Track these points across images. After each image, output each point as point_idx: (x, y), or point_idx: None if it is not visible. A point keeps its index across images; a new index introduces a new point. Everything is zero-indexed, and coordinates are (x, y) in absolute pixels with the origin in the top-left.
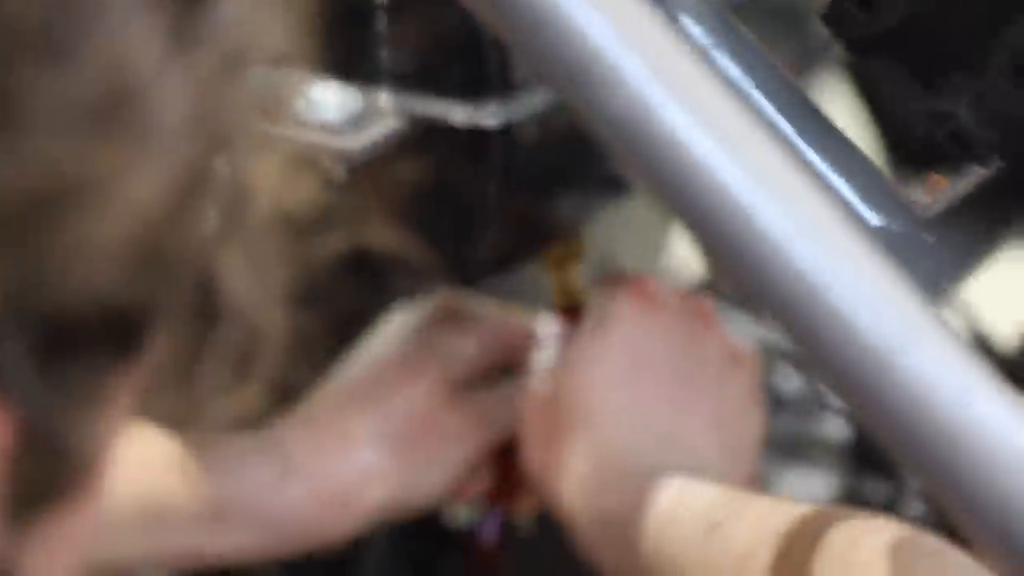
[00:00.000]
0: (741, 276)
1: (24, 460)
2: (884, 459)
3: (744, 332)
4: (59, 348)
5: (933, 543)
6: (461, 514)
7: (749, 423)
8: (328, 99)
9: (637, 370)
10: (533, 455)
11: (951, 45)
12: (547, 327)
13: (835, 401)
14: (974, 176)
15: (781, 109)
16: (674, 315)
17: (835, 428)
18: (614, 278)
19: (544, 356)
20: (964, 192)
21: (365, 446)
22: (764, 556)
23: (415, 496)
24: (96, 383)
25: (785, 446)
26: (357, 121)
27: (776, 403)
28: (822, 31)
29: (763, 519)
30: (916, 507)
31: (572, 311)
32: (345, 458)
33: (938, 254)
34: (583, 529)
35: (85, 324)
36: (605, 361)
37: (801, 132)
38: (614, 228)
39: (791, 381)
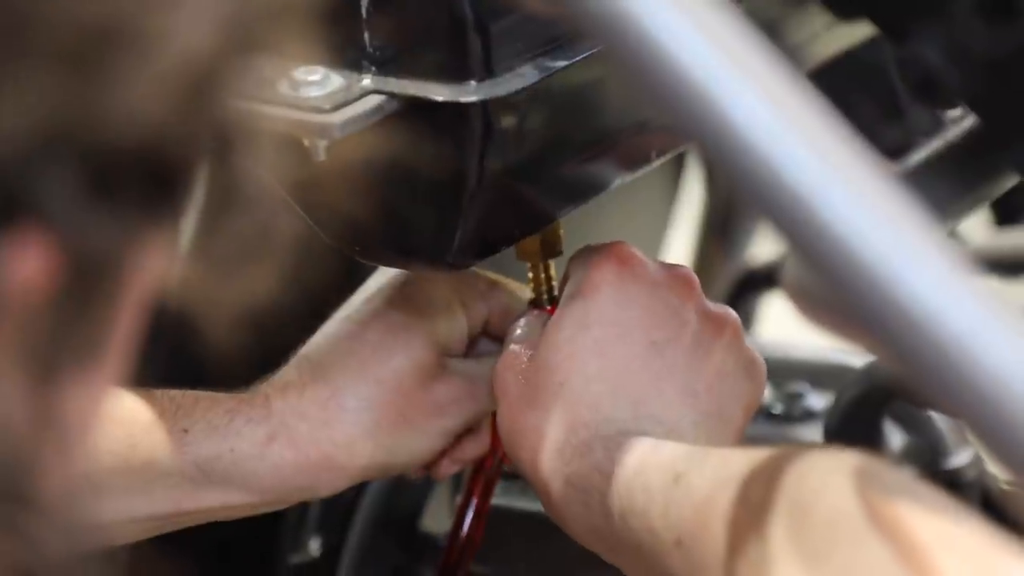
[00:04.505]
0: None
1: (64, 297)
2: None
3: None
4: (103, 184)
5: (884, 469)
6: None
7: (734, 390)
8: (310, 79)
9: (611, 339)
10: (506, 424)
11: None
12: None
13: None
14: (946, 133)
15: None
16: (651, 283)
17: (813, 434)
18: (592, 247)
19: (518, 332)
20: (937, 148)
21: (352, 413)
22: (722, 500)
23: (399, 461)
24: (134, 226)
25: None
26: (338, 99)
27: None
28: None
29: (723, 465)
30: None
31: (542, 303)
32: (331, 425)
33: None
34: (555, 495)
35: (127, 163)
36: (580, 330)
37: None
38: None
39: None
